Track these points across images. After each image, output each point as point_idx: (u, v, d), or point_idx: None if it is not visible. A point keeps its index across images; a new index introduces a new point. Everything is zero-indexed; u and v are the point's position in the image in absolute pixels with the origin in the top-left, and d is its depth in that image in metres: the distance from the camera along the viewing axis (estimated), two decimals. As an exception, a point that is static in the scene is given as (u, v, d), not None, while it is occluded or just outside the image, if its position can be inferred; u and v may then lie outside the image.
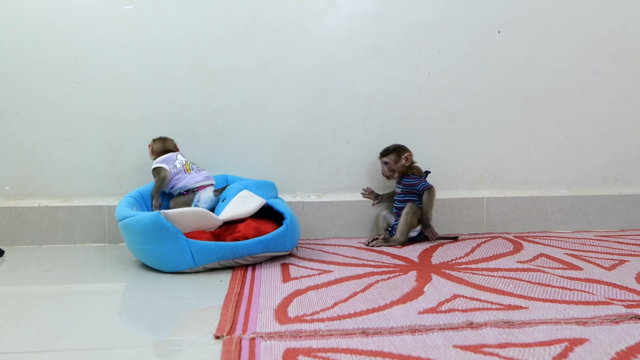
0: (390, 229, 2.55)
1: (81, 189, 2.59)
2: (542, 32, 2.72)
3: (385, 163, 2.54)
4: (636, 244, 2.36)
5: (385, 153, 2.55)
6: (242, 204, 2.24)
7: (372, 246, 2.41)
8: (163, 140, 2.50)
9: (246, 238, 2.10)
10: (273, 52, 2.63)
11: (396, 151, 2.53)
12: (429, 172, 2.55)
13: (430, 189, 2.46)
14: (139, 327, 1.52)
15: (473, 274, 1.92)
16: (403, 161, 2.51)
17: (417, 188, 2.47)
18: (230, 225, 2.21)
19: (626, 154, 2.81)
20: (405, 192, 2.50)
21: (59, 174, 2.58)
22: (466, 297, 1.64)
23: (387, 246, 2.40)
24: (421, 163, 2.70)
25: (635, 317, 1.43)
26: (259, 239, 2.08)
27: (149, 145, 2.50)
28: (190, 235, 2.06)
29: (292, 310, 1.55)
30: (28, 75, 2.54)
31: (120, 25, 2.56)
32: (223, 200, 2.29)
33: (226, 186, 2.40)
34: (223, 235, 2.17)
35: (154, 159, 2.45)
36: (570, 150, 2.78)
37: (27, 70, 2.53)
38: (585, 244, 2.38)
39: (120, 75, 2.58)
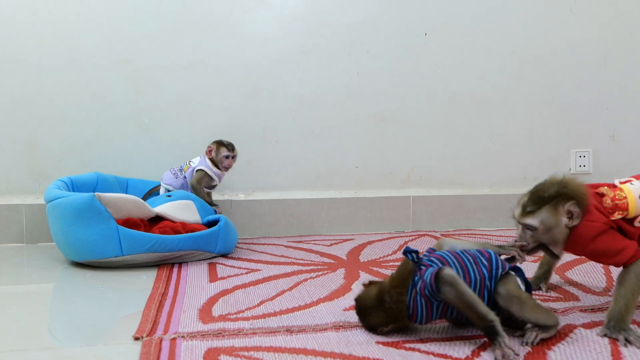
0: None
1: (-2, 187, 2.45)
2: (468, 37, 2.78)
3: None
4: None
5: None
6: (181, 211, 2.19)
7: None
8: None
9: (176, 234, 2.05)
10: (202, 50, 2.57)
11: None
12: None
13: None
14: (55, 329, 1.44)
15: (399, 271, 1.92)
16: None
17: None
18: (160, 221, 2.14)
19: (545, 155, 2.90)
20: None
21: (-27, 171, 2.44)
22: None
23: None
24: (350, 163, 2.71)
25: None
26: (190, 235, 2.04)
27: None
28: (120, 222, 1.99)
29: (217, 310, 1.51)
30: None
31: (41, 17, 2.44)
32: (168, 197, 2.23)
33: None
34: (150, 229, 2.10)
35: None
36: (493, 151, 2.85)
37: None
38: (506, 241, 2.43)
39: (41, 69, 2.45)
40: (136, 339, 1.30)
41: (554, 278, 1.80)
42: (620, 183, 1.42)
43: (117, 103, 2.52)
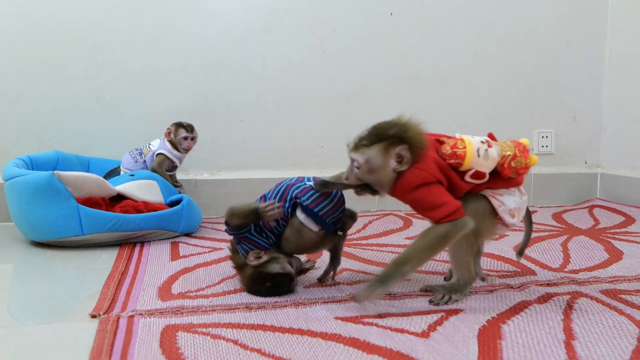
0: None
1: (-47, 165, 2.39)
2: (433, 16, 2.79)
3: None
4: (514, 220, 2.48)
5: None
6: (144, 190, 2.16)
7: None
8: None
9: (138, 212, 2.03)
10: (164, 25, 2.53)
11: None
12: None
13: None
14: (12, 308, 1.42)
15: (363, 249, 1.94)
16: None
17: None
18: (122, 200, 2.11)
19: (507, 135, 2.90)
20: None
21: None
22: (353, 271, 1.66)
23: None
24: (315, 142, 2.71)
25: (507, 286, 1.50)
26: (152, 215, 2.03)
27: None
28: (80, 201, 1.96)
29: (177, 288, 1.50)
30: None
31: (-4, -10, 2.37)
32: (131, 175, 2.20)
33: None
34: (112, 208, 2.08)
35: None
36: (456, 130, 2.84)
37: None
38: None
39: (-3, 43, 2.39)
40: (93, 316, 1.28)
41: (511, 254, 1.84)
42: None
43: (77, 79, 2.47)
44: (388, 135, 1.32)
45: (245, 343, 1.13)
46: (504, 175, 1.38)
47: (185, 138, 2.36)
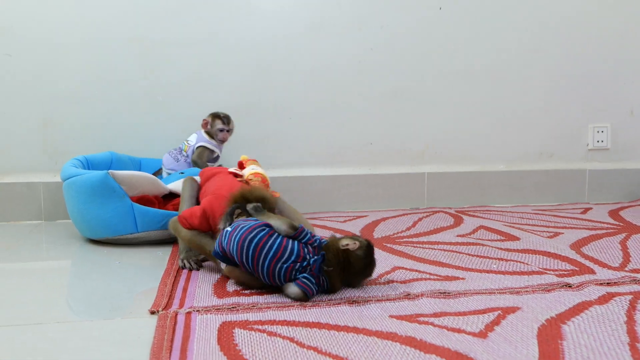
0: None
1: (14, 165, 2.48)
2: (483, 9, 2.74)
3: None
4: (570, 217, 2.43)
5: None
6: None
7: None
8: None
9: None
10: (215, 25, 2.56)
11: None
12: None
13: None
14: (72, 303, 1.47)
15: (414, 247, 1.93)
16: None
17: None
18: (173, 198, 2.16)
19: (561, 131, 2.87)
20: None
21: (-11, 149, 2.47)
22: (406, 269, 1.65)
23: None
24: (364, 138, 2.70)
25: (566, 285, 1.47)
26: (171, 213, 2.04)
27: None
28: (134, 200, 2.02)
29: (231, 285, 1.52)
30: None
31: (53, -5, 2.45)
32: (181, 173, 2.25)
33: None
34: (164, 206, 2.12)
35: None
36: (508, 126, 2.82)
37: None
38: (523, 218, 2.43)
39: (55, 46, 2.47)
40: (152, 312, 1.32)
41: (568, 252, 1.79)
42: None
43: (130, 81, 2.52)
44: None
45: (301, 341, 1.14)
46: None
47: (222, 130, 2.38)
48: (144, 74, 2.53)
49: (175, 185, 2.16)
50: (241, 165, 1.98)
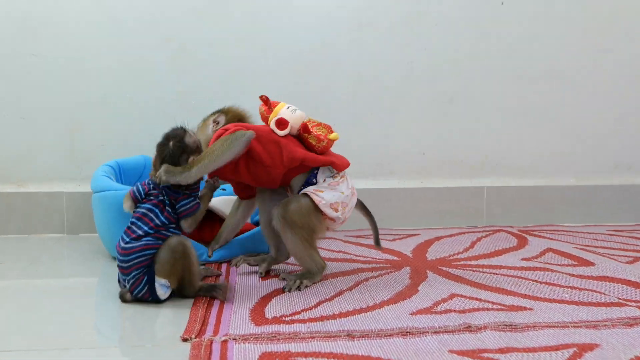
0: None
1: (37, 173, 2.53)
2: (548, 6, 2.69)
3: None
4: (650, 239, 2.35)
5: None
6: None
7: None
8: None
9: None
10: (251, 25, 2.58)
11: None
12: None
13: None
14: (98, 325, 1.48)
15: (473, 271, 1.89)
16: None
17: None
18: (212, 216, 2.15)
19: (637, 140, 2.79)
20: None
21: (12, 156, 2.52)
22: (465, 297, 1.61)
23: None
24: (415, 148, 2.67)
25: (650, 320, 1.41)
26: (237, 240, 2.04)
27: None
28: None
29: (270, 311, 1.51)
30: (-23, 45, 2.47)
31: (82, -8, 2.50)
32: (223, 190, 2.25)
33: None
34: (203, 226, 2.13)
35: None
36: (577, 135, 2.76)
37: (-25, 40, 2.47)
38: (596, 239, 2.36)
39: (81, 47, 2.51)
40: (184, 340, 1.31)
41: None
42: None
43: (161, 83, 2.55)
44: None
45: (350, 377, 1.12)
46: (307, 132, 1.74)
47: None
48: (175, 77, 2.56)
49: (213, 203, 2.14)
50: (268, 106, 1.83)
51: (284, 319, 1.45)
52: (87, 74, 2.53)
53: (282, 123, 1.73)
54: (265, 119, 1.79)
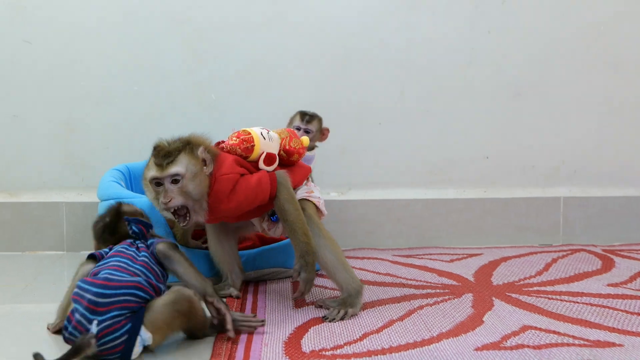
0: None
1: (31, 180, 2.58)
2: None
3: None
4: None
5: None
6: None
7: None
8: None
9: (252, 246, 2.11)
10: (278, 4, 2.60)
11: None
12: None
13: None
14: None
15: (548, 299, 1.89)
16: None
17: None
18: None
19: None
20: None
21: (1, 160, 2.58)
22: (540, 330, 1.61)
23: None
24: (477, 151, 2.67)
25: None
26: (265, 249, 2.07)
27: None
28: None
29: (308, 343, 1.53)
30: (-38, 30, 2.54)
31: (83, -33, 2.56)
32: None
33: None
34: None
35: None
36: (676, 136, 2.74)
37: (-40, 24, 2.54)
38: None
39: (81, 32, 2.57)
40: (209, 377, 1.34)
41: None
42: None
43: (173, 74, 2.60)
44: (181, 146, 1.72)
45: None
46: (291, 154, 1.90)
47: (298, 129, 2.36)
48: (191, 66, 2.60)
49: None
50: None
51: (324, 353, 1.47)
52: (86, 63, 2.58)
53: (271, 158, 1.85)
54: (224, 162, 1.80)
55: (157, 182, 1.70)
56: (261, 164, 1.82)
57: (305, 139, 1.96)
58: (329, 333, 1.61)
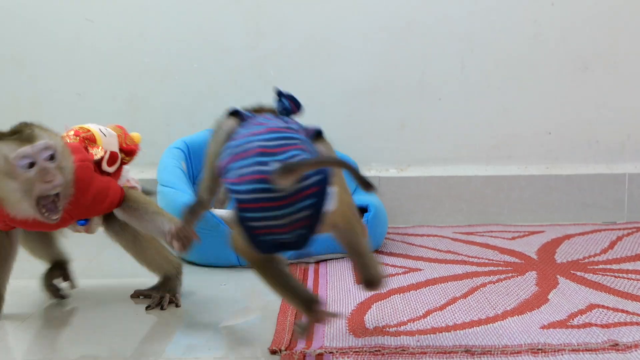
0: None
1: (94, 156, 2.64)
2: None
3: None
4: None
5: None
6: None
7: None
8: None
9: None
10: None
11: None
12: None
13: None
14: (171, 333, 1.55)
15: (615, 277, 1.87)
16: None
17: None
18: None
19: None
20: None
21: (65, 137, 2.64)
22: (608, 308, 1.60)
23: None
24: (540, 126, 2.64)
25: None
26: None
27: None
28: None
29: (371, 320, 1.55)
30: (26, 9, 2.59)
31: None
32: None
33: None
34: None
35: None
36: None
37: (24, 4, 2.59)
38: None
39: (142, 9, 2.61)
40: (273, 352, 1.36)
41: None
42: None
43: (233, 49, 2.62)
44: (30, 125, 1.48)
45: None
46: (131, 154, 1.73)
47: None
48: (251, 41, 2.62)
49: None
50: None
51: (388, 330, 1.48)
52: (149, 40, 2.62)
53: (114, 158, 1.67)
54: (78, 148, 1.59)
55: (30, 163, 1.41)
56: (105, 166, 1.63)
57: (137, 135, 1.79)
58: (392, 310, 1.62)
